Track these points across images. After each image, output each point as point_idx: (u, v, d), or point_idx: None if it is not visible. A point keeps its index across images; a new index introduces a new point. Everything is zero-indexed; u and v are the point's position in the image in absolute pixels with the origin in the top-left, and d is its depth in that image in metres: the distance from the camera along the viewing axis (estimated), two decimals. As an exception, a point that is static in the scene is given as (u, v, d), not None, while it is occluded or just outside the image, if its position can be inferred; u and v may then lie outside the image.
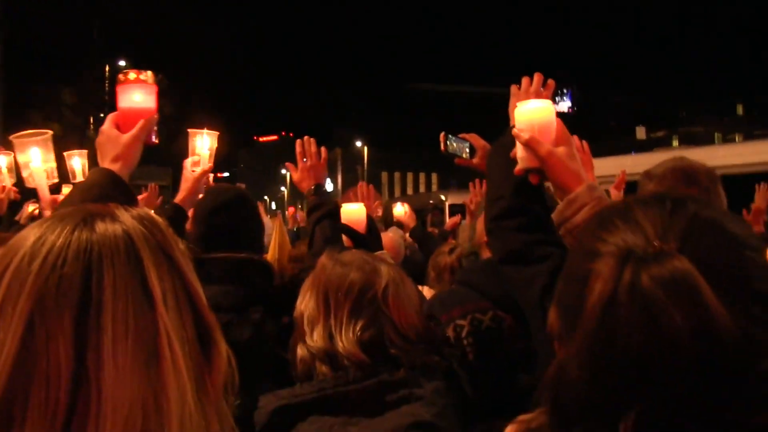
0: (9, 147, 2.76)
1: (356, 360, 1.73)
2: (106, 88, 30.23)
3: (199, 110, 35.17)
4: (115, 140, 1.97)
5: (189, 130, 3.21)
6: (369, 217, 3.00)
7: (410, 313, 1.86)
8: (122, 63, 30.89)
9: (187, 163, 3.18)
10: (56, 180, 2.83)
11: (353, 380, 1.70)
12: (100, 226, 0.93)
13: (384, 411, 1.67)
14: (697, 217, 0.90)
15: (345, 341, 1.76)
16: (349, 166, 67.99)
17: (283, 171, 77.72)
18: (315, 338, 1.80)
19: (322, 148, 3.23)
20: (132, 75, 2.06)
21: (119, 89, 2.06)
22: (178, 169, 3.33)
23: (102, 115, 26.20)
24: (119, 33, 31.06)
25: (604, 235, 0.93)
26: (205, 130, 3.20)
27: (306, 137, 3.24)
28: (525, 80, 2.17)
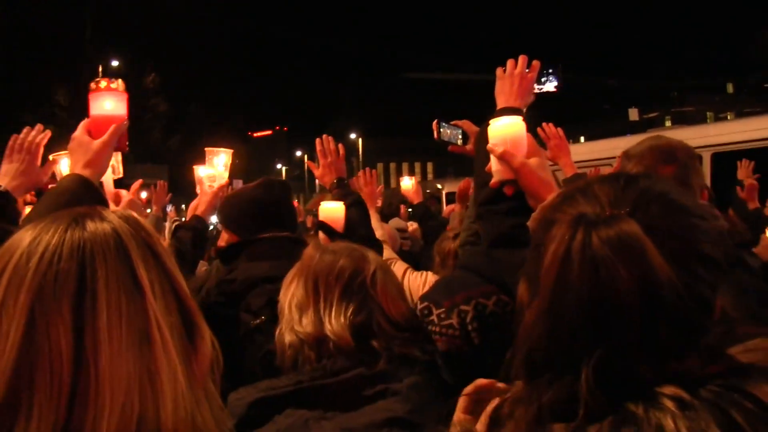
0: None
1: (343, 344, 1.75)
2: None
3: (193, 107, 34.98)
4: (86, 146, 2.05)
5: (206, 149, 3.56)
6: (347, 216, 3.12)
7: (398, 300, 1.90)
8: (115, 63, 30.68)
9: (204, 178, 3.52)
10: (121, 175, 2.96)
11: (331, 373, 1.71)
12: (91, 225, 1.01)
13: (360, 405, 1.68)
14: (648, 190, 1.00)
15: (335, 324, 1.79)
16: (345, 158, 67.75)
17: (279, 165, 77.59)
18: (304, 324, 1.83)
19: (340, 145, 3.50)
20: (103, 83, 2.14)
21: (91, 97, 2.14)
22: (174, 166, 3.51)
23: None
24: (112, 32, 30.68)
25: (564, 208, 1.04)
26: (222, 149, 3.55)
27: (324, 136, 3.52)
28: (510, 63, 2.26)
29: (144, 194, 6.95)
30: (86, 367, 0.92)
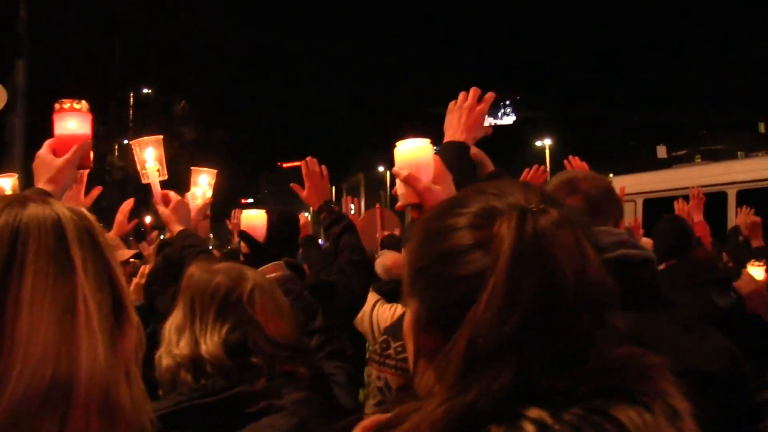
0: (130, 151, 3.20)
1: (219, 363, 1.73)
2: (130, 115, 30.51)
3: (221, 136, 35.32)
4: (49, 164, 2.13)
5: (192, 168, 3.76)
6: (269, 226, 3.19)
7: (277, 319, 1.89)
8: (146, 90, 31.23)
9: (189, 195, 3.66)
10: (165, 177, 3.14)
11: (211, 392, 1.68)
12: (32, 207, 1.06)
13: (244, 423, 1.65)
14: (541, 188, 1.04)
15: (210, 344, 1.77)
16: (372, 190, 67.92)
17: (306, 196, 77.46)
18: (181, 346, 1.81)
19: (323, 167, 3.63)
20: (67, 104, 2.22)
21: (55, 117, 2.22)
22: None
23: (125, 141, 26.37)
24: (142, 59, 31.17)
25: (458, 211, 1.01)
26: (206, 170, 3.75)
27: (309, 158, 3.65)
28: (462, 95, 2.25)
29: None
30: (2, 325, 0.96)
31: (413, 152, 1.94)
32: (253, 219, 3.16)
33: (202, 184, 3.71)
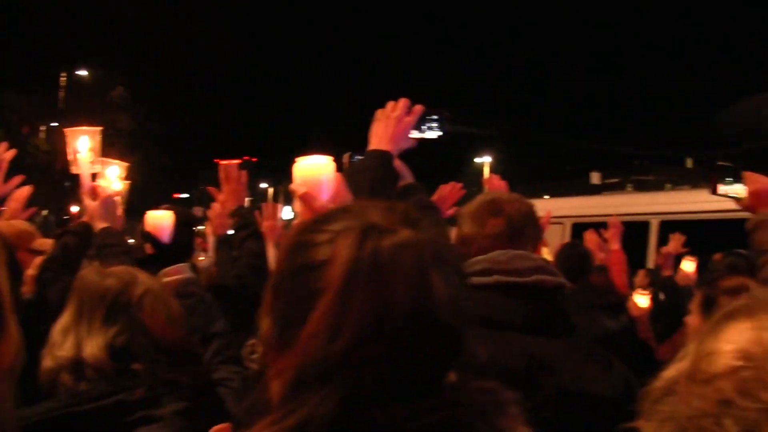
0: (58, 136, 3.13)
1: (100, 367, 1.71)
2: (61, 96, 29.19)
3: (159, 127, 34.47)
4: None
5: (102, 158, 3.54)
6: (177, 226, 3.18)
7: (166, 325, 1.87)
8: (82, 72, 30.06)
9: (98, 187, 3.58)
10: (98, 171, 3.11)
11: (88, 399, 1.65)
12: None
13: None
14: (408, 210, 0.99)
15: (93, 347, 1.75)
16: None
17: (242, 194, 76.81)
18: (65, 347, 1.78)
19: (243, 172, 3.68)
20: None
21: None
22: (134, 185, 3.58)
23: (54, 124, 25.22)
24: (79, 41, 29.89)
25: (322, 227, 0.97)
26: (116, 161, 3.58)
27: (228, 161, 3.68)
28: (390, 104, 2.24)
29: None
30: None
31: (313, 169, 1.90)
32: (159, 219, 3.11)
33: (110, 176, 3.53)
